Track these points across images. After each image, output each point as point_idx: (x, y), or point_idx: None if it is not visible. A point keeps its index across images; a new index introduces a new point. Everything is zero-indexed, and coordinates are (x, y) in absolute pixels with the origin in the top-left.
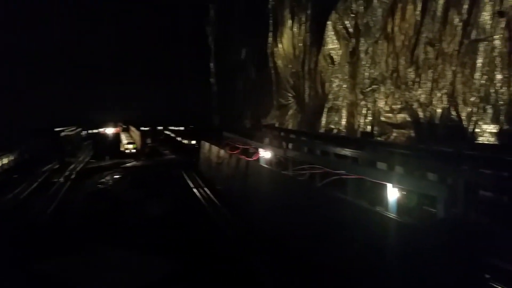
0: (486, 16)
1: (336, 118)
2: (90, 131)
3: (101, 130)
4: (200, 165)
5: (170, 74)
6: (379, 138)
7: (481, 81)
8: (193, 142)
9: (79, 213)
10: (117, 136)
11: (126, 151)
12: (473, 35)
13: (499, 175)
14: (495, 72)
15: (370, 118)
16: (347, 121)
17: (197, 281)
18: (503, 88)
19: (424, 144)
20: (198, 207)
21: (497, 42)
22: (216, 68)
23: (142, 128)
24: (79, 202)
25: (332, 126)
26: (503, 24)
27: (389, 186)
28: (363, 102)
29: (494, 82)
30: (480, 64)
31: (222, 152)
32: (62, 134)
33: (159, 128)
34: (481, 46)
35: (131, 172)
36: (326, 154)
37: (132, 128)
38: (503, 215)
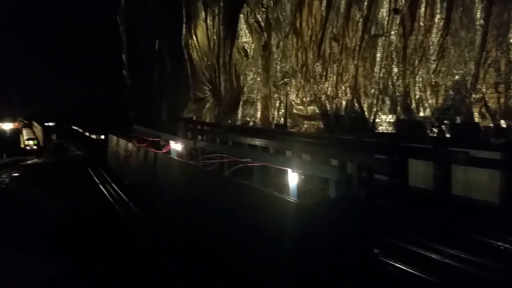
0: (383, 12)
1: (252, 111)
2: None
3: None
4: (108, 160)
5: (81, 67)
6: (292, 130)
7: (380, 74)
8: (102, 136)
9: None
10: (16, 132)
11: (27, 147)
12: (373, 31)
13: (391, 160)
14: (392, 66)
15: (283, 110)
16: (262, 114)
17: (95, 279)
18: (399, 80)
19: (331, 134)
20: (104, 204)
21: (393, 38)
22: (130, 60)
23: (48, 124)
24: None
25: (248, 119)
26: (398, 21)
27: (290, 171)
28: (276, 95)
29: (392, 75)
30: (379, 59)
31: (130, 145)
32: None
33: (67, 123)
34: (380, 41)
35: (31, 170)
36: (238, 145)
37: (35, 124)
38: (394, 195)
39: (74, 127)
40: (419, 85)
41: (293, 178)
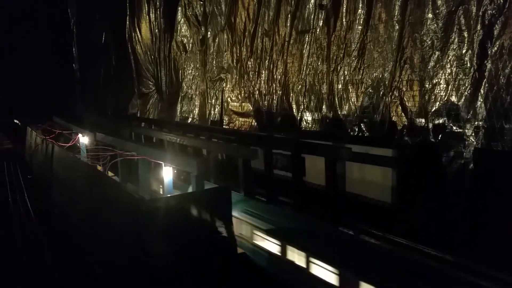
0: (310, 8)
1: (191, 107)
2: None
3: None
4: (25, 153)
5: (29, 59)
6: (226, 127)
7: (306, 71)
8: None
9: None
10: None
11: None
12: (300, 27)
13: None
14: (318, 63)
15: (218, 107)
16: (200, 110)
17: None
18: (323, 78)
19: (264, 131)
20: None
21: (318, 34)
22: (80, 53)
23: None
24: None
25: (186, 115)
26: (323, 17)
27: (163, 165)
28: (212, 91)
29: (317, 72)
30: (306, 55)
31: (38, 138)
32: None
33: (10, 116)
34: (306, 38)
35: None
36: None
37: None
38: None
39: (15, 121)
40: (341, 83)
41: (167, 173)
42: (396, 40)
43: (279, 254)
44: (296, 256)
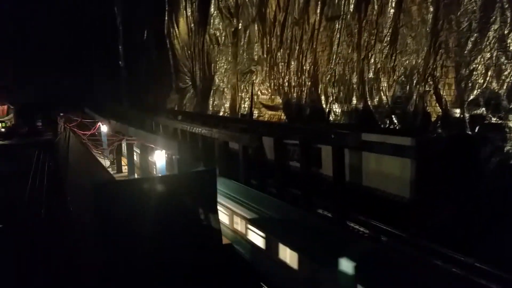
0: None
1: (222, 101)
2: None
3: None
4: (57, 142)
5: (79, 56)
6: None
7: (336, 61)
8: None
9: None
10: None
11: None
12: (330, 13)
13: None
14: (348, 51)
15: (248, 100)
16: (230, 104)
17: None
18: (355, 67)
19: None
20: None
21: (349, 20)
22: (125, 50)
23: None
24: None
25: (218, 109)
26: (354, 1)
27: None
28: (243, 85)
29: (347, 61)
30: (335, 43)
31: (62, 127)
32: None
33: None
34: (336, 24)
35: None
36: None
37: (4, 106)
38: None
39: (61, 114)
40: (372, 71)
41: (160, 157)
42: (430, 23)
43: (262, 247)
44: (280, 251)
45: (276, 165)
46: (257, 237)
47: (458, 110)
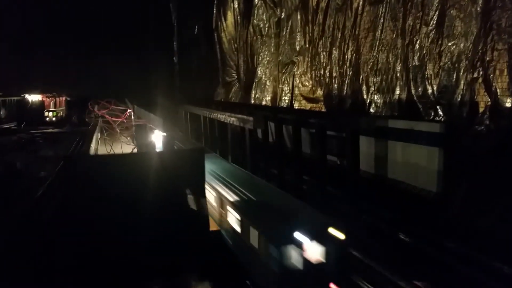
0: None
1: (264, 93)
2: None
3: (25, 96)
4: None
5: (134, 51)
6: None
7: (379, 48)
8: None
9: None
10: (41, 104)
11: (47, 118)
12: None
13: None
14: (392, 37)
15: (289, 92)
16: (271, 96)
17: None
18: (398, 54)
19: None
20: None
21: (393, 4)
22: (179, 46)
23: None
24: None
25: (259, 102)
26: None
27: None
28: (284, 76)
29: (391, 48)
30: (379, 29)
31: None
32: None
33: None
34: (380, 8)
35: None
36: None
37: (61, 98)
38: None
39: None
40: (416, 58)
41: (158, 137)
42: (481, 2)
43: (238, 230)
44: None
45: (293, 153)
46: (234, 220)
47: (510, 100)
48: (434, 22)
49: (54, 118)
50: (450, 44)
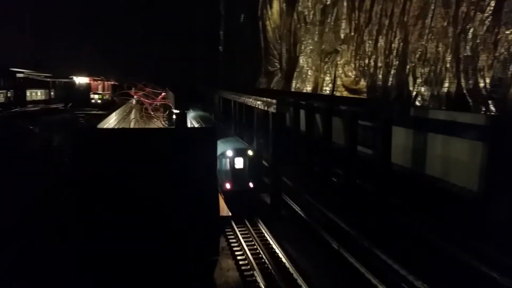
0: None
1: (305, 83)
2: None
3: (73, 78)
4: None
5: (181, 39)
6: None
7: (428, 36)
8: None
9: None
10: (87, 87)
11: (92, 100)
12: None
13: None
14: (443, 24)
15: (331, 83)
16: (313, 87)
17: None
18: (449, 43)
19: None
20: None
21: None
22: (225, 35)
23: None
24: None
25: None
26: None
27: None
28: (326, 66)
29: (441, 36)
30: (429, 17)
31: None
32: None
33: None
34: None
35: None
36: None
37: (108, 83)
38: None
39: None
40: (469, 48)
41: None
42: None
43: None
44: None
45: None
46: None
47: None
48: (492, 8)
49: (99, 101)
50: (508, 32)
